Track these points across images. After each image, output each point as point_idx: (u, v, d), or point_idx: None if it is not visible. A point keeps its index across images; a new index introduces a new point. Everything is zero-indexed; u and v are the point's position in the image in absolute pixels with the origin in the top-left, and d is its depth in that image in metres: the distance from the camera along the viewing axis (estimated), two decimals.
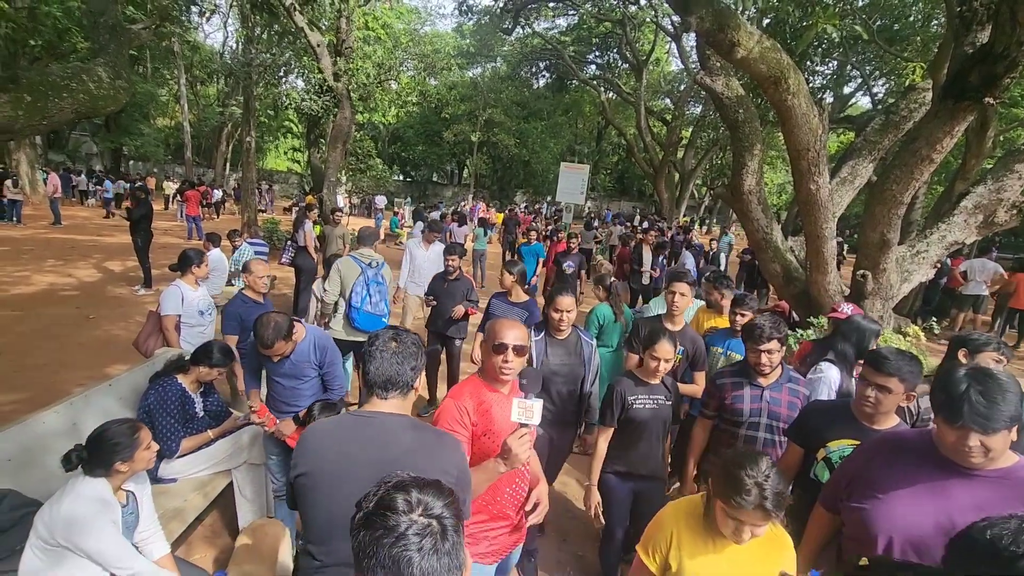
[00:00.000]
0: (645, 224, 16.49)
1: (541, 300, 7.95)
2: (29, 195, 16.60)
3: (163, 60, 26.83)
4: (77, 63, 6.14)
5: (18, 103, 3.36)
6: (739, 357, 3.17)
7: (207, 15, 11.77)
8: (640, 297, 8.47)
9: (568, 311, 2.86)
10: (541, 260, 8.33)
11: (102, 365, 5.42)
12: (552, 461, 3.03)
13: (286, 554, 2.47)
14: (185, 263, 4.10)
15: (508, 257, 12.02)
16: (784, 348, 2.55)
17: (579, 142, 36.59)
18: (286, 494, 1.77)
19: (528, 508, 1.99)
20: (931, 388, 1.48)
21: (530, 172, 33.65)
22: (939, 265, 8.55)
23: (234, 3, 15.52)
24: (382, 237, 17.77)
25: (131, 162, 31.07)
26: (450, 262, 4.88)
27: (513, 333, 1.94)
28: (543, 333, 2.94)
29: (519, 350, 1.93)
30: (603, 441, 2.65)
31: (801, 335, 4.80)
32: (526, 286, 4.46)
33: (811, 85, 10.84)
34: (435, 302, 4.90)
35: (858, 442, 1.96)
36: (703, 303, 4.30)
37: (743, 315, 3.32)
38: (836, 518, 1.72)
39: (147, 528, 2.21)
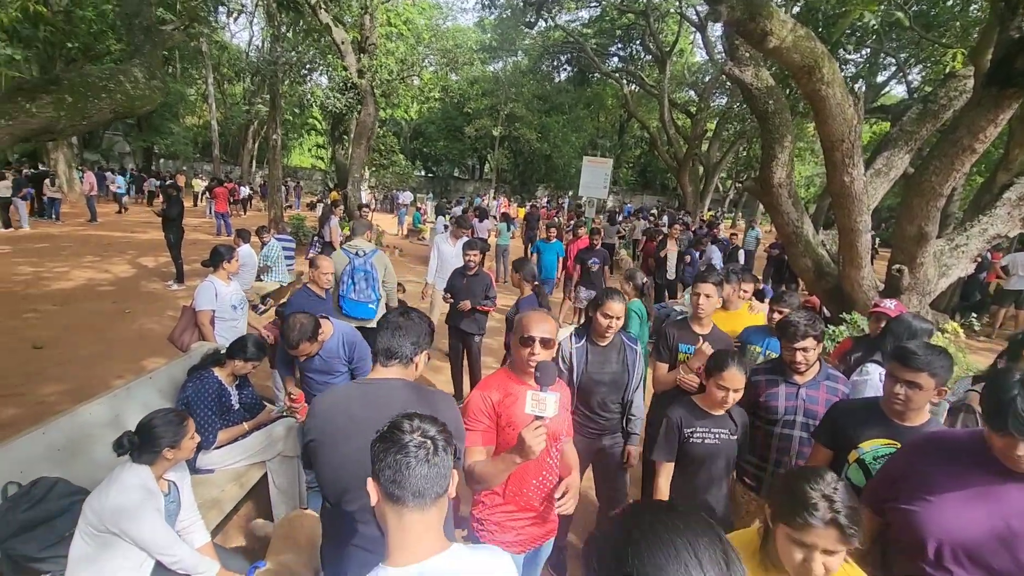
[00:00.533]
0: (664, 219, 16.27)
1: (559, 295, 7.96)
2: (67, 193, 17.17)
3: (192, 60, 27.44)
4: (112, 65, 6.32)
5: (60, 104, 3.46)
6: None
7: (234, 15, 11.97)
8: (665, 292, 8.37)
9: (618, 318, 2.64)
10: (561, 258, 8.05)
11: (139, 358, 5.59)
12: (608, 475, 2.87)
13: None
14: (216, 259, 4.19)
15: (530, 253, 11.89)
16: (821, 346, 2.47)
17: (601, 136, 36.25)
18: (301, 456, 1.91)
19: (557, 496, 1.98)
20: (981, 391, 1.43)
21: (551, 166, 33.51)
22: (979, 259, 8.25)
23: (260, 2, 15.75)
24: (405, 232, 17.94)
25: (161, 160, 31.87)
26: (470, 258, 4.83)
27: (541, 326, 1.96)
28: (584, 339, 2.70)
29: (546, 343, 1.95)
30: (663, 480, 2.30)
31: (834, 331, 4.69)
32: (535, 282, 4.43)
33: (843, 74, 10.54)
34: (452, 299, 4.90)
35: (891, 441, 1.91)
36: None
37: (781, 312, 3.19)
38: (877, 520, 1.67)
39: (188, 517, 2.28)
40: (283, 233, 9.74)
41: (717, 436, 2.27)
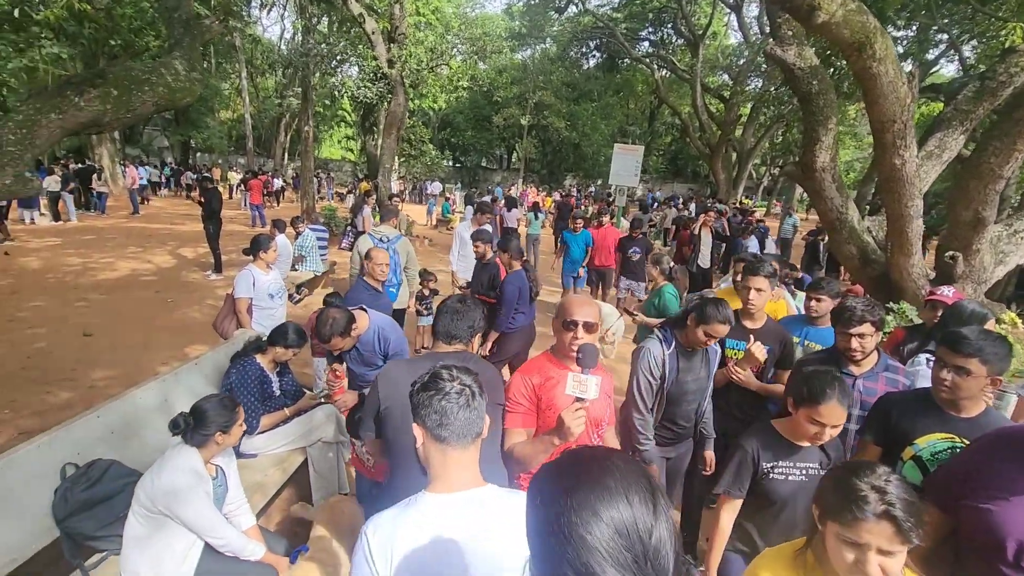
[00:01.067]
0: (692, 207, 15.92)
1: (586, 289, 7.79)
2: (111, 187, 17.81)
3: (225, 55, 27.98)
4: (151, 59, 6.47)
5: (106, 97, 3.55)
6: (818, 347, 2.96)
7: (268, 8, 12.13)
8: (700, 281, 8.20)
9: (716, 339, 2.44)
10: (590, 248, 7.67)
11: (182, 345, 5.77)
12: (671, 481, 2.77)
13: None
14: (255, 248, 4.27)
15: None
16: (879, 333, 2.33)
17: (631, 123, 35.66)
18: (361, 426, 2.00)
19: None
20: None
21: (580, 155, 33.16)
22: None
23: None
24: (435, 223, 18.03)
25: (198, 154, 32.78)
26: (475, 248, 4.94)
27: (584, 310, 1.97)
28: (672, 346, 2.48)
29: (589, 327, 1.95)
30: (727, 517, 1.99)
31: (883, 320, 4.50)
32: (523, 258, 4.71)
33: None
34: (467, 288, 5.09)
35: (949, 435, 1.80)
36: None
37: (819, 300, 3.03)
38: (947, 519, 1.58)
39: (235, 500, 2.33)
40: (316, 223, 9.89)
41: (804, 472, 1.91)
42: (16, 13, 4.23)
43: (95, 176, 15.69)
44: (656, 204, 18.46)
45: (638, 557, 0.65)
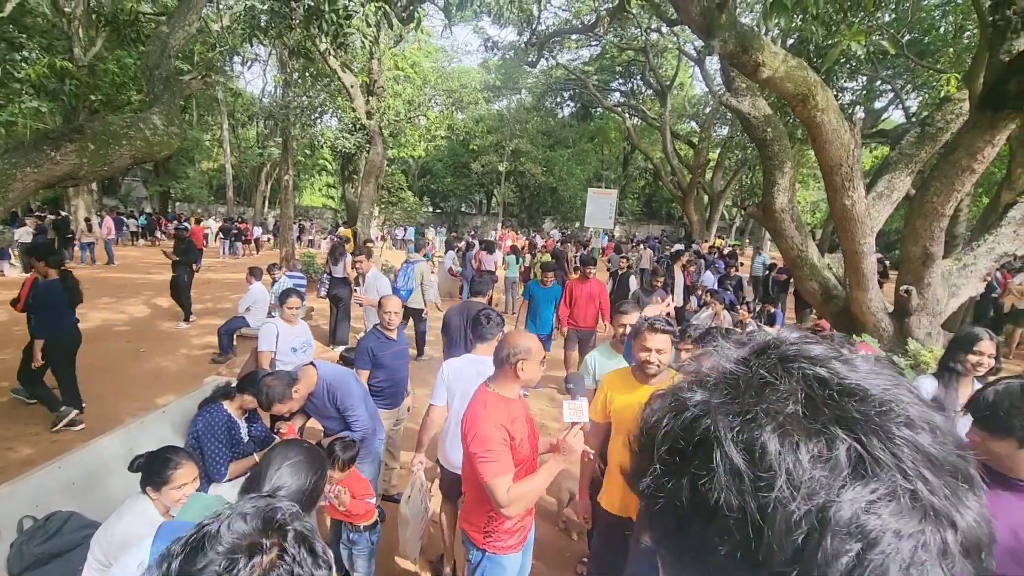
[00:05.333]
0: (680, 247, 16.32)
1: (558, 350, 6.59)
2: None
3: (207, 108, 28.49)
4: (132, 113, 6.61)
5: (83, 151, 3.63)
6: None
7: (248, 64, 12.50)
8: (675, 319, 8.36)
9: None
10: (567, 307, 6.29)
11: (153, 396, 5.65)
12: None
13: None
14: (281, 300, 4.35)
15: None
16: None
17: (606, 168, 36.80)
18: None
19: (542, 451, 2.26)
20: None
21: (557, 199, 33.95)
22: (988, 279, 8.18)
23: (273, 51, 16.43)
24: None
25: (177, 203, 32.73)
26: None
27: (525, 342, 2.16)
28: None
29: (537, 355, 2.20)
30: None
31: None
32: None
33: (840, 101, 10.70)
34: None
35: None
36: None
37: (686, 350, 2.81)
38: None
39: None
40: (294, 270, 9.90)
41: None
42: None
43: (83, 227, 15.64)
44: (630, 246, 18.88)
45: None
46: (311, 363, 3.05)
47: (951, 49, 10.06)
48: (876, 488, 0.36)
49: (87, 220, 16.68)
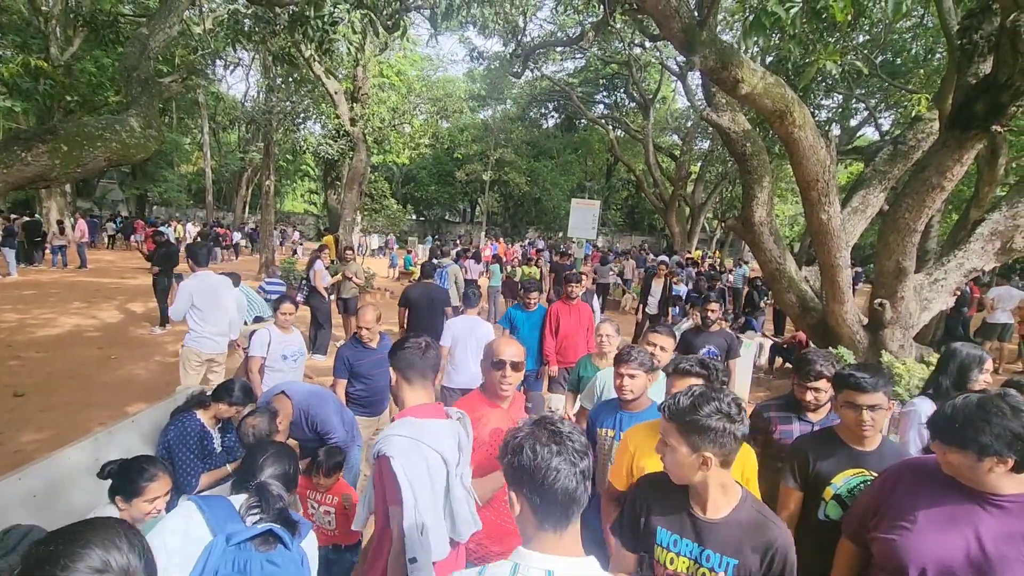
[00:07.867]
0: (665, 257, 16.48)
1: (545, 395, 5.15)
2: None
3: (188, 111, 28.08)
4: (109, 115, 6.50)
5: (55, 153, 3.54)
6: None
7: (231, 67, 12.38)
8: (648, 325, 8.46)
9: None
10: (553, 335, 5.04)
11: (123, 404, 5.49)
12: None
13: None
14: (275, 305, 4.33)
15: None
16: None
17: (589, 179, 37.13)
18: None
19: None
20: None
21: (541, 209, 34.12)
22: (959, 293, 8.41)
23: (256, 55, 16.29)
24: (397, 275, 18.01)
25: (155, 207, 32.12)
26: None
27: (510, 350, 2.13)
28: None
29: (516, 366, 2.11)
30: None
31: None
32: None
33: (817, 119, 10.97)
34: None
35: (860, 470, 1.90)
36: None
37: (631, 376, 2.37)
38: (863, 552, 1.66)
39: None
40: (273, 276, 9.75)
41: None
42: None
43: (55, 229, 15.22)
44: (613, 257, 19.03)
45: None
46: (282, 392, 2.97)
47: (922, 70, 10.42)
48: None
49: (59, 222, 16.32)
